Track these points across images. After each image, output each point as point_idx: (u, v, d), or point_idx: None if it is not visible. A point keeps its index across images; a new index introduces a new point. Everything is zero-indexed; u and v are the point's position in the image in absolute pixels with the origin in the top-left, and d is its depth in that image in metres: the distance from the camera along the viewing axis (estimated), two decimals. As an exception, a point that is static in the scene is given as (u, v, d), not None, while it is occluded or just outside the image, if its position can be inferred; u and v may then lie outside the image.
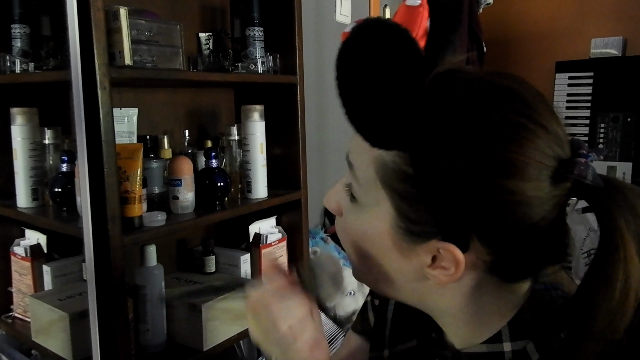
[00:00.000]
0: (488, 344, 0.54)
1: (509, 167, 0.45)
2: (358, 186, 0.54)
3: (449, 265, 0.50)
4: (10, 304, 1.38)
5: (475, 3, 2.73)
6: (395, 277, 0.54)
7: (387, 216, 0.51)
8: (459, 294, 0.53)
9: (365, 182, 0.53)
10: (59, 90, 1.27)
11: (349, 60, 0.47)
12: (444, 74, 0.49)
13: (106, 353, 1.09)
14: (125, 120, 1.34)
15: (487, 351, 0.54)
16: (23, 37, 1.24)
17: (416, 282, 0.53)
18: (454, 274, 0.50)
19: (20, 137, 1.26)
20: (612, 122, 2.60)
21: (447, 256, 0.49)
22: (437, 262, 0.50)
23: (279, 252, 1.55)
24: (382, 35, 0.46)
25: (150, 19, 1.27)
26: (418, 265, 0.52)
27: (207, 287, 1.15)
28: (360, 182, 0.53)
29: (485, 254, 0.49)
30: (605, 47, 2.78)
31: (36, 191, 1.28)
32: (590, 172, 0.46)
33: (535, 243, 0.48)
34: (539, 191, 0.46)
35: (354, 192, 0.54)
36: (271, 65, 1.48)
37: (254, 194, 1.46)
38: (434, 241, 0.49)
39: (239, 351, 1.51)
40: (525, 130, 0.46)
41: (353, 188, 0.55)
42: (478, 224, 0.47)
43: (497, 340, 0.54)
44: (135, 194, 1.14)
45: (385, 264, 0.54)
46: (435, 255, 0.50)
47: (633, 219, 0.45)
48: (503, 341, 0.54)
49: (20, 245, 1.33)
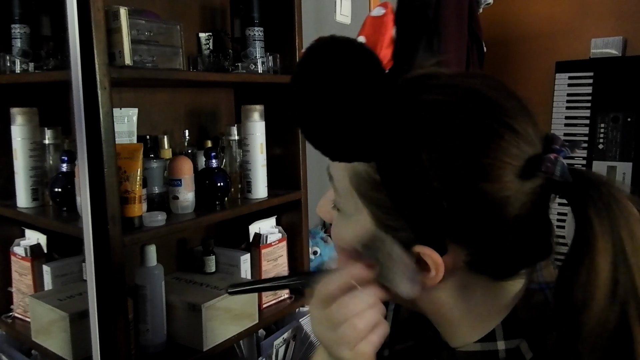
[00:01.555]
0: (482, 343, 0.55)
1: (474, 170, 0.46)
2: (338, 197, 0.55)
3: (431, 268, 0.51)
4: (10, 304, 1.38)
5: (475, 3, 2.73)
6: (382, 284, 0.54)
7: (367, 224, 0.53)
8: (447, 295, 0.54)
9: (344, 193, 0.54)
10: (59, 90, 1.28)
11: (304, 78, 0.49)
12: (409, 81, 0.50)
13: (106, 353, 1.09)
14: (125, 120, 1.34)
15: (481, 350, 0.55)
16: (23, 37, 1.24)
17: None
18: (435, 277, 0.51)
19: (20, 137, 1.26)
20: (612, 122, 2.60)
21: (428, 260, 0.50)
22: (419, 266, 0.51)
23: (279, 252, 1.55)
24: (337, 51, 0.47)
25: (150, 19, 1.27)
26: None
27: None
28: (340, 193, 0.55)
29: (463, 255, 0.50)
30: (605, 47, 2.78)
31: (36, 191, 1.28)
32: (558, 168, 0.46)
33: (513, 240, 0.49)
34: (508, 191, 0.46)
35: (336, 202, 0.56)
36: (271, 65, 1.48)
37: (254, 194, 1.46)
38: (413, 245, 0.50)
39: (239, 351, 1.51)
40: (490, 131, 0.46)
41: (335, 199, 0.56)
42: (451, 227, 0.48)
43: (490, 339, 0.54)
44: (135, 194, 1.14)
45: (370, 272, 0.54)
46: (417, 259, 0.51)
47: (607, 214, 0.45)
48: (497, 340, 0.54)
49: (20, 245, 1.33)
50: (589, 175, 0.48)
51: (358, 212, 0.53)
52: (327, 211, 0.59)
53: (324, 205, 0.60)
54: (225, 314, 1.34)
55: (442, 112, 0.47)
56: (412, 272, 0.51)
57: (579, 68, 2.72)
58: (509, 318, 0.54)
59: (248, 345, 1.52)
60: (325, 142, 0.49)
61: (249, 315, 1.42)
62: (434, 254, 0.50)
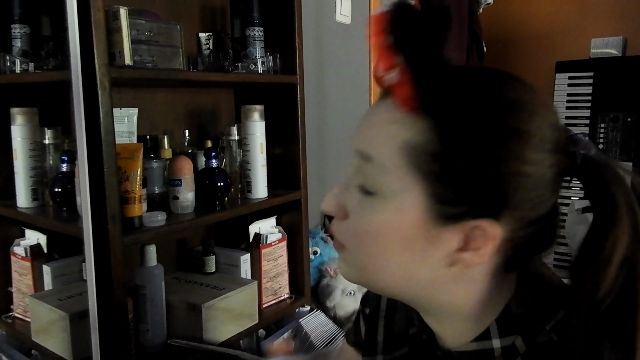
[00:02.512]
0: (478, 342, 0.55)
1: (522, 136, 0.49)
2: (380, 177, 0.51)
3: (481, 244, 0.50)
4: (10, 304, 1.38)
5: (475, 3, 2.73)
6: (411, 271, 0.53)
7: (415, 202, 0.50)
8: (474, 280, 0.54)
9: (391, 170, 0.51)
10: (59, 90, 1.27)
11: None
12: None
13: (106, 353, 1.09)
14: (125, 120, 1.34)
15: (477, 349, 0.55)
16: (23, 37, 1.24)
17: (435, 272, 0.53)
18: (487, 252, 0.50)
19: (20, 137, 1.26)
20: (612, 122, 2.60)
21: (479, 234, 0.50)
22: (468, 243, 0.50)
23: (279, 252, 1.55)
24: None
25: (150, 19, 1.27)
26: (444, 252, 0.51)
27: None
28: (383, 171, 0.51)
29: (512, 230, 0.51)
30: (605, 47, 2.78)
31: (36, 191, 1.28)
32: (593, 148, 0.50)
33: (543, 222, 0.52)
34: (546, 162, 0.49)
35: (373, 184, 0.52)
36: (271, 65, 1.48)
37: (254, 194, 1.46)
38: (465, 221, 0.50)
39: (239, 351, 1.51)
40: (534, 105, 0.50)
41: (370, 181, 0.52)
42: (504, 200, 0.49)
43: (486, 337, 0.54)
44: (135, 194, 1.14)
45: (404, 257, 0.52)
46: (466, 235, 0.50)
47: (626, 190, 0.48)
48: (492, 338, 0.54)
49: (20, 245, 1.33)
50: (604, 157, 0.51)
51: (405, 190, 0.50)
52: (336, 204, 0.55)
53: (332, 199, 0.56)
54: (225, 314, 1.34)
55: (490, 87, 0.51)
56: (453, 252, 0.51)
57: (579, 68, 2.72)
58: (503, 315, 0.54)
59: (248, 345, 1.52)
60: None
61: (249, 315, 1.42)
62: (491, 226, 0.49)
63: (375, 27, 0.50)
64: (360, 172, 0.54)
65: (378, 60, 0.51)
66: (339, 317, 1.81)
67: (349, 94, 2.38)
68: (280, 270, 1.56)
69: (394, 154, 0.50)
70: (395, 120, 0.51)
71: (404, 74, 0.49)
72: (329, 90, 2.22)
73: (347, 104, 2.37)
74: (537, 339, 0.52)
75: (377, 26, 0.50)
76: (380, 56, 0.50)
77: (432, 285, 0.54)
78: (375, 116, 0.53)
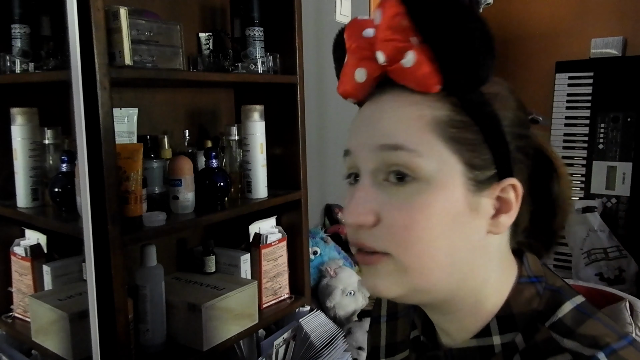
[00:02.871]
0: (478, 339, 0.56)
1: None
2: (415, 161, 0.51)
3: (512, 204, 0.54)
4: (10, 304, 1.38)
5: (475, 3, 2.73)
6: (455, 254, 0.52)
7: (456, 174, 0.52)
8: (492, 257, 0.56)
9: (425, 151, 0.51)
10: (59, 90, 1.28)
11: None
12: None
13: (106, 353, 1.09)
14: (125, 120, 1.34)
15: (477, 345, 0.56)
16: (23, 37, 1.24)
17: (473, 250, 0.54)
18: (516, 211, 0.54)
19: (20, 137, 1.26)
20: (612, 122, 2.60)
21: (510, 194, 0.54)
22: (501, 205, 0.54)
23: (279, 252, 1.55)
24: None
25: (150, 19, 1.27)
26: (484, 220, 0.53)
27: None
28: (418, 154, 0.51)
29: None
30: (605, 47, 2.78)
31: (36, 191, 1.28)
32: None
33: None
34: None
35: (411, 171, 0.51)
36: (271, 65, 1.48)
37: (254, 194, 1.46)
38: (495, 184, 0.53)
39: (239, 351, 1.51)
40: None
41: (407, 169, 0.51)
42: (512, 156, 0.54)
43: (486, 334, 0.55)
44: (135, 194, 1.14)
45: (451, 237, 0.52)
46: (498, 198, 0.54)
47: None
48: (492, 334, 0.55)
49: (20, 245, 1.33)
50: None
51: (444, 165, 0.51)
52: (370, 210, 0.52)
53: (362, 207, 0.53)
54: (225, 314, 1.34)
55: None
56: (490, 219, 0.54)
57: (579, 68, 2.72)
58: (503, 312, 0.55)
59: (248, 345, 1.52)
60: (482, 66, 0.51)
61: (249, 315, 1.42)
62: (517, 182, 0.54)
63: (389, 11, 0.51)
64: (384, 168, 0.52)
65: (390, 50, 0.51)
66: (339, 317, 1.81)
67: (349, 94, 2.38)
68: (280, 270, 1.56)
69: (424, 134, 0.51)
70: (413, 103, 0.52)
71: (422, 53, 0.50)
72: (329, 90, 2.22)
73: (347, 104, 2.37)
74: (536, 337, 0.53)
75: (392, 10, 0.50)
76: (393, 43, 0.51)
77: (467, 267, 0.54)
78: (385, 108, 0.54)
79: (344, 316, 1.81)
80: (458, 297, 0.55)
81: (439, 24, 0.50)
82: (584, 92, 2.69)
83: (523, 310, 0.55)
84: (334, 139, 2.27)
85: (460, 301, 0.56)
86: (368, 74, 0.55)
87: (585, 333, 0.51)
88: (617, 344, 0.50)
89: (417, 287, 0.53)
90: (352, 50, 0.56)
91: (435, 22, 0.50)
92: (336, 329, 1.63)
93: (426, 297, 0.55)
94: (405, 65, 0.51)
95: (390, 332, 0.72)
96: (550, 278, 0.58)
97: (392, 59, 0.51)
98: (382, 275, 0.53)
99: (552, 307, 0.54)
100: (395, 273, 0.52)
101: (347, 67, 0.57)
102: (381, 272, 0.53)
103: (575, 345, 0.50)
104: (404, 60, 0.51)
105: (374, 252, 0.53)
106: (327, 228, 2.15)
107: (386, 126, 0.53)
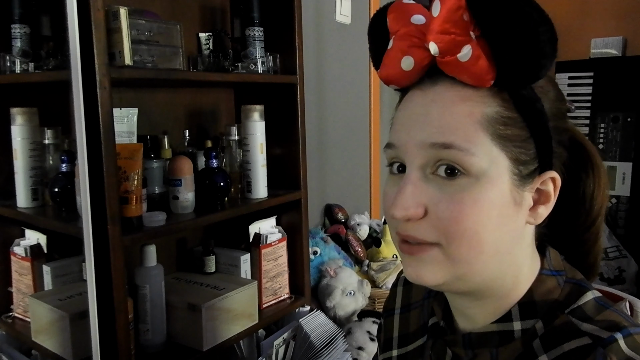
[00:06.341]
0: (498, 324, 0.57)
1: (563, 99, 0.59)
2: (467, 158, 0.51)
3: (551, 195, 0.55)
4: (10, 304, 1.38)
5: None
6: (500, 244, 0.54)
7: (504, 170, 0.52)
8: (525, 244, 0.57)
9: (476, 149, 0.51)
10: (59, 90, 1.28)
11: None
12: None
13: (106, 353, 1.09)
14: (125, 120, 1.34)
15: (497, 330, 0.57)
16: (23, 37, 1.24)
17: (513, 240, 0.55)
18: (553, 202, 0.56)
19: (20, 137, 1.26)
20: (612, 122, 2.60)
21: (547, 186, 0.55)
22: (540, 197, 0.55)
23: (279, 252, 1.55)
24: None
25: (150, 19, 1.27)
26: (525, 212, 0.55)
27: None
28: (469, 152, 0.51)
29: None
30: (605, 47, 2.78)
31: (36, 191, 1.28)
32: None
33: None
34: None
35: (466, 167, 0.51)
36: (271, 65, 1.48)
37: (254, 194, 1.46)
38: (537, 177, 0.54)
39: (239, 351, 1.51)
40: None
41: (459, 165, 0.51)
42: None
43: (507, 319, 0.57)
44: (135, 194, 1.14)
45: (499, 230, 0.53)
46: (538, 190, 0.55)
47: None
48: (513, 320, 0.56)
49: (20, 245, 1.33)
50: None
51: (494, 162, 0.52)
52: (417, 203, 0.53)
53: (410, 200, 0.53)
54: (225, 314, 1.34)
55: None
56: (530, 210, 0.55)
57: (579, 68, 2.72)
58: (525, 299, 0.56)
59: (248, 345, 1.52)
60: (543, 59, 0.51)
61: (249, 315, 1.42)
62: (556, 174, 0.55)
63: (450, 3, 0.50)
64: (433, 162, 0.53)
65: (446, 43, 0.51)
66: (339, 317, 1.81)
67: (349, 94, 2.38)
68: (280, 270, 1.56)
69: (474, 132, 0.52)
70: (464, 98, 0.52)
71: (480, 48, 0.50)
72: (329, 90, 2.22)
73: (347, 104, 2.37)
74: (555, 322, 0.54)
75: (452, 2, 0.50)
76: (451, 36, 0.50)
77: (508, 256, 0.55)
78: (435, 103, 0.53)
79: (344, 316, 1.81)
80: (495, 284, 0.56)
81: (504, 23, 0.49)
82: (584, 92, 2.69)
83: (544, 298, 0.56)
84: (334, 139, 2.27)
85: (496, 288, 0.57)
86: (416, 63, 0.54)
87: (604, 319, 0.53)
88: (635, 329, 0.51)
89: (461, 275, 0.54)
90: (399, 35, 0.55)
91: (500, 20, 0.49)
92: (336, 329, 1.63)
93: (465, 285, 0.56)
94: (462, 60, 0.50)
95: (403, 324, 0.73)
96: (569, 272, 0.59)
97: (446, 52, 0.51)
98: (428, 264, 0.54)
99: (572, 298, 0.56)
100: (443, 262, 0.54)
101: (392, 51, 0.55)
102: (427, 261, 0.54)
103: (593, 328, 0.52)
104: (461, 54, 0.50)
105: (420, 242, 0.54)
106: (327, 228, 2.15)
107: (437, 123, 0.52)
